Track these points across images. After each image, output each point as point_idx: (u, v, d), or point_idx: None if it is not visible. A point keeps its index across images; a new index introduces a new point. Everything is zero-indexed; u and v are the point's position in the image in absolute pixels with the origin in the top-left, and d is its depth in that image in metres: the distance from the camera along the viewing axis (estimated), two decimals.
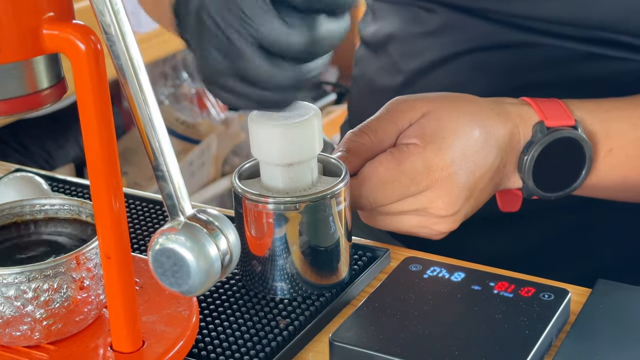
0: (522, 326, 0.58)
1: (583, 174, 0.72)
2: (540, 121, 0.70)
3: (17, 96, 0.51)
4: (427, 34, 0.84)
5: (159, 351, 0.56)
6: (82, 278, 0.56)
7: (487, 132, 0.69)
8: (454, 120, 0.68)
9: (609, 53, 0.78)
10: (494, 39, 0.80)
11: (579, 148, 0.71)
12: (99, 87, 0.50)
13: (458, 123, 0.68)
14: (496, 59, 0.81)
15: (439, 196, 0.67)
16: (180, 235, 0.50)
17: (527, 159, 0.70)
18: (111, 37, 0.50)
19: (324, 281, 0.65)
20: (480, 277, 0.64)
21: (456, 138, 0.67)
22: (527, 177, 0.71)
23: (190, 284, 0.50)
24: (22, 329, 0.55)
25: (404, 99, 0.70)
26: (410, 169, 0.66)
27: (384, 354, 0.56)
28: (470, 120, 0.68)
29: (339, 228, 0.64)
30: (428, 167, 0.67)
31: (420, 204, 0.67)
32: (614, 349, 0.58)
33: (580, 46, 0.78)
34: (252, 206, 0.62)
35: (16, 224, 0.62)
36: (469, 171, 0.68)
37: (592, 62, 0.78)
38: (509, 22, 0.79)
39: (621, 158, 0.73)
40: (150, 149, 0.52)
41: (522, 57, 0.80)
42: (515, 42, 0.79)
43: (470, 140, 0.68)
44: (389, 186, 0.67)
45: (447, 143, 0.67)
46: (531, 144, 0.70)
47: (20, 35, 0.49)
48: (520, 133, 0.71)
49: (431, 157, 0.67)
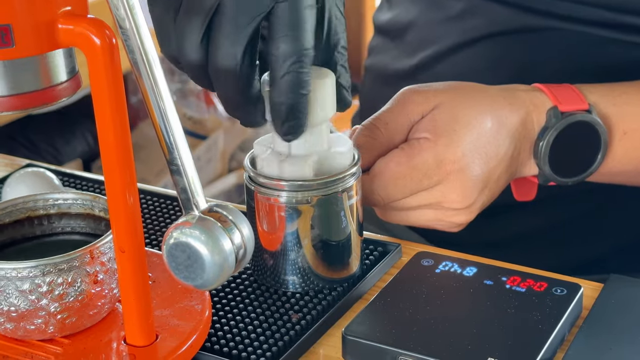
0: (534, 321, 0.58)
1: (599, 158, 0.72)
2: (553, 106, 0.70)
3: (33, 90, 0.52)
4: (447, 19, 0.84)
5: (172, 345, 0.56)
6: (96, 272, 0.56)
7: (499, 122, 0.69)
8: (466, 112, 0.68)
9: (628, 38, 0.78)
10: (513, 24, 0.80)
11: (593, 132, 0.71)
12: (114, 81, 0.50)
13: (470, 115, 0.68)
14: (514, 45, 0.81)
15: (453, 189, 0.67)
16: (195, 229, 0.50)
17: (543, 144, 0.70)
18: (126, 32, 0.50)
19: (335, 275, 0.65)
20: (492, 271, 0.64)
21: (468, 130, 0.67)
22: (543, 162, 0.71)
23: (204, 278, 0.50)
24: (37, 323, 0.56)
25: (415, 89, 0.70)
26: (422, 164, 0.66)
27: (397, 348, 0.56)
28: (482, 111, 0.68)
29: (350, 222, 0.64)
30: (440, 161, 0.67)
31: (434, 198, 0.67)
32: (626, 344, 0.58)
33: (599, 31, 0.78)
34: (264, 200, 0.62)
35: (29, 219, 0.62)
36: (482, 162, 0.68)
37: (611, 48, 0.78)
38: (528, 7, 0.79)
39: (636, 141, 0.73)
40: (165, 143, 0.52)
41: (540, 43, 0.80)
42: (533, 26, 0.79)
43: (482, 132, 0.68)
44: (400, 181, 0.67)
45: (458, 136, 0.67)
46: (546, 130, 0.70)
47: (35, 30, 0.49)
48: (533, 120, 0.71)
49: (442, 151, 0.67)
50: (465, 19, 0.83)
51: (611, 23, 0.77)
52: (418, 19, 0.87)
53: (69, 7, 0.50)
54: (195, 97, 2.08)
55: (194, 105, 2.06)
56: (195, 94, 2.08)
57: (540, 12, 0.79)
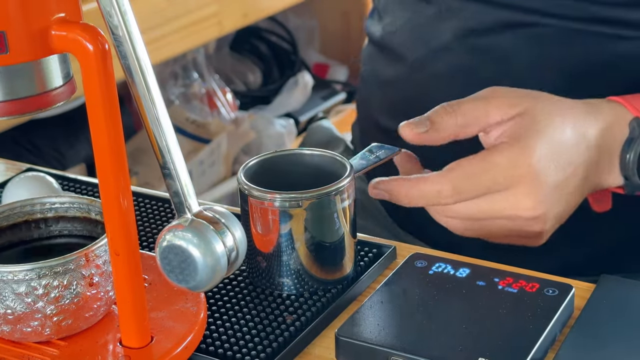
0: (526, 321, 0.59)
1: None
2: (635, 117, 0.70)
3: (28, 96, 0.52)
4: (428, 23, 0.85)
5: (167, 346, 0.57)
6: (91, 275, 0.57)
7: (578, 132, 0.68)
8: (547, 121, 0.68)
9: (611, 31, 0.78)
10: (491, 21, 0.80)
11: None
12: (107, 87, 0.51)
13: (551, 124, 0.68)
14: (495, 41, 0.81)
15: (526, 195, 0.66)
16: (187, 232, 0.51)
17: (630, 156, 0.70)
18: (119, 38, 0.51)
19: (329, 277, 0.65)
20: (485, 273, 0.64)
21: (546, 138, 0.67)
22: (632, 173, 0.71)
23: (197, 280, 0.51)
24: (33, 325, 0.56)
25: (502, 92, 0.70)
26: (496, 165, 0.66)
27: (390, 349, 0.57)
28: (562, 121, 0.68)
29: (343, 224, 0.64)
30: (514, 164, 0.66)
31: (507, 202, 0.66)
32: (617, 344, 0.58)
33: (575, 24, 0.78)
34: (257, 203, 0.63)
35: (27, 222, 0.63)
36: (557, 170, 0.67)
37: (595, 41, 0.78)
38: (504, 4, 0.80)
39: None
40: (158, 147, 0.52)
41: (520, 38, 0.80)
42: (511, 22, 0.80)
43: (561, 140, 0.67)
44: (474, 178, 0.66)
45: (535, 142, 0.67)
46: (632, 141, 0.70)
47: (29, 37, 0.50)
48: (615, 132, 0.70)
49: (518, 154, 0.66)
50: (444, 21, 0.83)
51: (595, 17, 0.78)
52: (404, 26, 0.87)
53: (63, 13, 0.51)
54: (198, 101, 2.08)
55: (198, 109, 2.06)
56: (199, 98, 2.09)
57: (515, 7, 0.79)
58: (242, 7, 1.93)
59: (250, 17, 1.97)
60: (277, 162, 0.68)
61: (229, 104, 2.13)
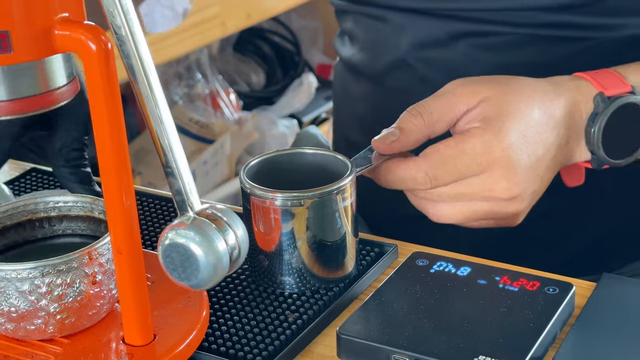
0: (526, 319, 0.59)
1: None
2: (599, 92, 0.71)
3: (31, 95, 0.53)
4: (384, 40, 0.87)
5: (170, 344, 0.57)
6: (94, 273, 0.57)
7: (547, 112, 0.70)
8: (514, 103, 0.69)
9: (556, 34, 0.81)
10: (442, 34, 0.83)
11: None
12: (110, 86, 0.51)
13: (518, 106, 0.69)
14: (449, 52, 0.83)
15: (501, 176, 0.67)
16: (190, 230, 0.51)
17: (595, 130, 0.71)
18: (121, 38, 0.51)
19: (330, 275, 0.66)
20: (486, 271, 0.65)
21: (516, 121, 0.68)
22: (597, 147, 0.72)
23: (199, 278, 0.51)
24: (37, 323, 0.57)
25: (462, 83, 0.71)
26: (471, 149, 0.67)
27: (391, 347, 0.57)
28: (529, 103, 0.69)
29: (345, 223, 0.65)
30: (488, 147, 0.67)
31: (484, 184, 0.67)
32: (618, 342, 0.58)
33: (526, 30, 0.80)
34: (259, 202, 0.63)
35: (31, 221, 0.63)
36: (530, 151, 0.68)
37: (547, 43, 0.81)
38: (452, 15, 0.82)
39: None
40: (160, 146, 0.53)
41: (473, 47, 0.82)
42: (462, 32, 0.82)
43: (530, 122, 0.69)
44: (450, 164, 0.67)
45: (506, 126, 0.68)
46: (596, 116, 0.71)
47: (32, 36, 0.50)
48: (581, 108, 0.72)
49: (491, 138, 0.67)
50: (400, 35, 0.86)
51: (544, 23, 0.80)
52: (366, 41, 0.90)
53: (66, 13, 0.52)
54: (202, 102, 2.09)
55: (201, 109, 2.07)
56: (202, 99, 2.09)
57: (465, 19, 0.82)
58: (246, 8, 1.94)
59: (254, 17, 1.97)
60: (279, 162, 0.69)
61: (233, 104, 2.13)
